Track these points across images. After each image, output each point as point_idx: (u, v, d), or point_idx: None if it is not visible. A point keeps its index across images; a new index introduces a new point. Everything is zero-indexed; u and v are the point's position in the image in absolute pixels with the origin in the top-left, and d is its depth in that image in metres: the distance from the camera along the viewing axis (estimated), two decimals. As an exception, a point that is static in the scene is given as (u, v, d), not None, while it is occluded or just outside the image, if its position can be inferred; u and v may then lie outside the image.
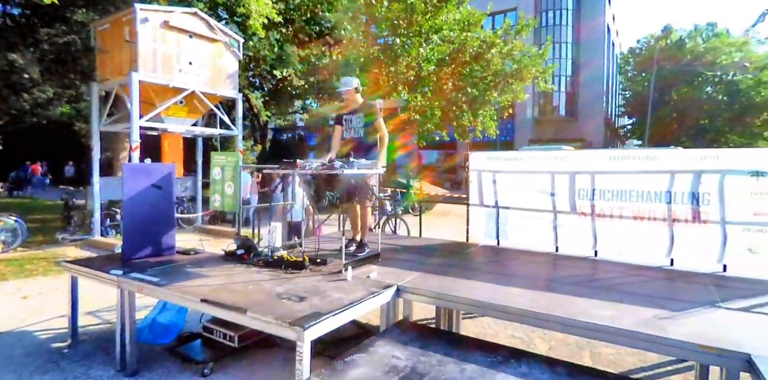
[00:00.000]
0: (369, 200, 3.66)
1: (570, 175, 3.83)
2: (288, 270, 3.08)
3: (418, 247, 4.17)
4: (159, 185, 3.52)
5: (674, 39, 32.03)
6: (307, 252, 3.44)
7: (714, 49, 29.88)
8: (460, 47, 13.95)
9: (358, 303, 2.40)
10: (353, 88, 3.71)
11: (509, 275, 3.10)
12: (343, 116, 3.86)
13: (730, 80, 30.17)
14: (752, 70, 28.40)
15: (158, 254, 3.63)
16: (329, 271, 3.11)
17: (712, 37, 31.24)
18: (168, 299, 2.69)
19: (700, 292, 2.71)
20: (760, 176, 3.10)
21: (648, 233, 3.51)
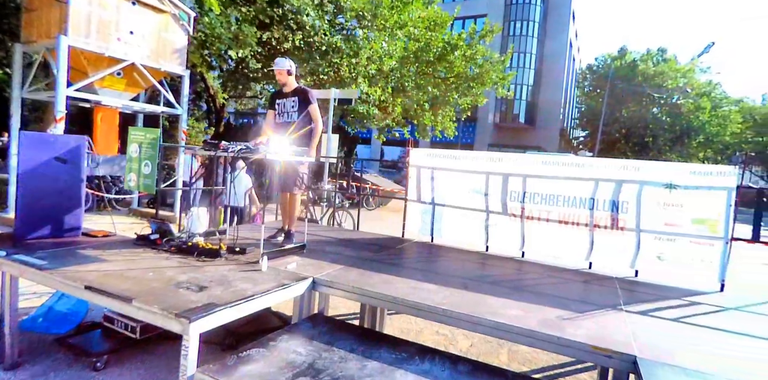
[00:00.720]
0: (299, 189, 3.51)
1: (503, 176, 3.88)
2: (201, 258, 2.87)
3: (350, 240, 4.07)
4: (63, 158, 3.17)
5: (628, 60, 34.06)
6: (235, 240, 3.24)
7: (662, 73, 32.08)
8: (424, 46, 14.04)
9: (264, 294, 2.25)
10: (286, 71, 3.51)
11: (432, 272, 3.07)
12: (276, 100, 3.67)
13: (674, 103, 32.56)
14: (693, 95, 30.81)
15: (59, 235, 3.28)
16: (246, 261, 2.94)
17: (662, 61, 33.52)
18: (49, 285, 2.41)
19: (607, 295, 2.80)
20: (673, 189, 3.26)
21: (571, 236, 3.62)
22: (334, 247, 3.69)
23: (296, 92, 3.57)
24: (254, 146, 3.05)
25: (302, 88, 3.58)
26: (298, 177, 3.44)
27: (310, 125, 3.54)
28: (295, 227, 3.60)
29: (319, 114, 3.54)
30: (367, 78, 12.22)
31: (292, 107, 3.55)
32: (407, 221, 4.45)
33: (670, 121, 32.33)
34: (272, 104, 3.70)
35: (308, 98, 3.50)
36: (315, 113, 3.52)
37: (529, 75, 35.28)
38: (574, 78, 41.58)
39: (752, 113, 34.37)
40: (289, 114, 3.56)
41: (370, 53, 11.74)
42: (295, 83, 3.63)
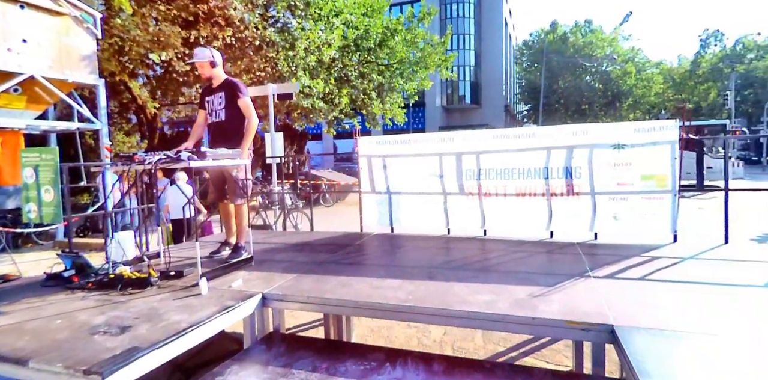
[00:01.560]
0: (241, 198, 3.14)
1: (457, 156, 3.73)
2: (126, 291, 2.48)
3: (305, 244, 3.79)
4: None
5: (560, 33, 35.46)
6: (168, 263, 2.86)
7: (591, 44, 33.73)
8: (363, 34, 13.72)
9: (203, 324, 1.94)
10: (207, 62, 3.10)
11: (394, 266, 2.87)
12: (205, 98, 3.27)
13: (603, 71, 34.41)
14: (620, 62, 32.66)
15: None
16: (182, 285, 2.58)
17: (589, 33, 35.20)
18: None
19: (573, 263, 2.74)
20: (621, 149, 3.25)
21: (530, 208, 3.56)
22: (287, 254, 3.39)
23: (223, 87, 3.17)
24: (175, 154, 2.67)
25: (230, 81, 3.17)
26: (238, 184, 3.08)
27: (241, 122, 3.18)
28: (243, 239, 3.25)
29: (252, 109, 3.16)
30: (308, 70, 11.73)
31: (219, 103, 3.16)
32: (364, 215, 4.22)
33: (602, 87, 34.19)
34: (202, 103, 3.29)
35: (236, 92, 3.10)
36: (246, 107, 3.14)
37: (470, 56, 35.83)
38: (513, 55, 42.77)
39: (671, 74, 37.08)
40: (217, 113, 3.17)
41: (307, 44, 11.25)
42: (223, 75, 3.21)
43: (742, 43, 32.70)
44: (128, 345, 1.72)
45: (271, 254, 3.37)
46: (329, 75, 12.80)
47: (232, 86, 3.14)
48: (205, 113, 3.28)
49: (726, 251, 2.93)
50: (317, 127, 22.72)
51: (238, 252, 3.19)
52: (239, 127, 3.18)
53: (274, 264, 3.03)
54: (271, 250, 3.56)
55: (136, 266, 2.94)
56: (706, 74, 33.68)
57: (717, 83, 33.12)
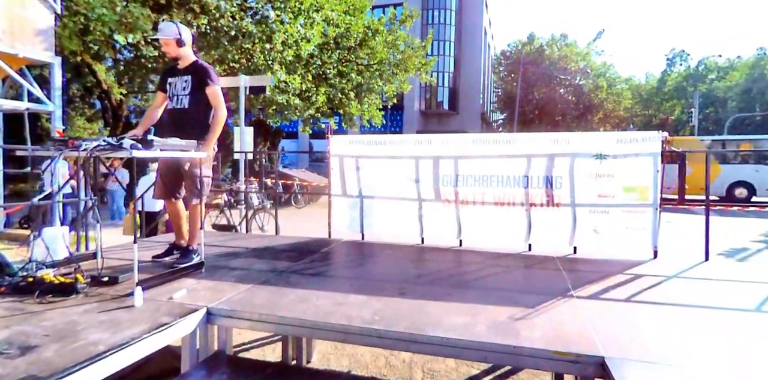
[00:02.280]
0: (196, 198, 2.79)
1: (434, 160, 3.52)
2: (45, 298, 2.11)
3: (266, 249, 3.47)
4: None
5: (536, 45, 36.31)
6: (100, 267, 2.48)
7: (566, 57, 34.71)
8: (344, 32, 13.46)
9: (127, 346, 1.62)
10: (174, 40, 2.72)
11: (362, 279, 2.61)
12: (167, 79, 2.90)
13: (577, 84, 35.47)
14: (592, 76, 33.77)
15: None
16: (115, 294, 2.23)
17: (564, 46, 36.22)
18: None
19: (554, 280, 2.56)
20: (603, 159, 3.13)
21: (508, 218, 3.38)
22: (244, 260, 3.07)
23: (190, 70, 2.81)
24: (117, 141, 2.31)
25: (200, 64, 2.81)
26: (195, 181, 2.73)
27: (207, 112, 2.83)
28: (196, 242, 2.90)
29: (221, 100, 2.81)
30: (285, 65, 11.32)
31: (183, 88, 2.80)
32: (333, 219, 3.94)
33: (574, 100, 35.22)
34: (162, 84, 2.91)
35: (206, 78, 2.75)
36: (215, 97, 2.79)
37: (450, 62, 36.17)
38: (491, 64, 43.50)
39: (639, 90, 38.68)
40: (180, 98, 2.81)
41: (285, 37, 10.84)
42: (192, 56, 2.84)
43: (705, 63, 34.54)
44: (22, 374, 1.38)
45: (226, 260, 3.03)
46: (307, 71, 12.44)
47: (202, 71, 2.78)
48: (165, 95, 2.91)
49: (708, 269, 2.84)
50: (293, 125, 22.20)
51: (187, 256, 2.85)
52: (203, 117, 2.84)
53: (227, 272, 2.70)
54: (228, 255, 3.22)
55: (66, 268, 2.54)
56: (672, 92, 35.33)
57: (681, 101, 34.79)
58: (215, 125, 2.82)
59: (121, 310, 1.99)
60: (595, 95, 34.64)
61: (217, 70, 10.73)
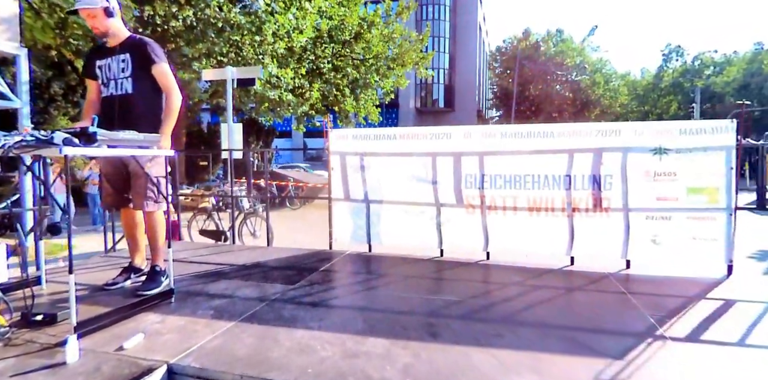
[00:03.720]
0: (154, 203, 2.20)
1: (455, 157, 2.95)
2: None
3: (255, 266, 2.89)
4: None
5: (532, 41, 35.88)
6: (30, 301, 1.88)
7: (562, 53, 34.31)
8: (338, 24, 12.86)
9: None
10: (100, 9, 2.10)
11: (376, 311, 2.04)
12: (95, 63, 2.29)
13: (573, 80, 35.11)
14: (589, 71, 33.42)
15: None
16: (47, 342, 1.64)
17: (560, 42, 35.83)
18: None
19: (625, 309, 2.01)
20: (663, 154, 2.58)
21: (546, 226, 2.83)
22: (228, 282, 2.48)
23: (127, 46, 2.22)
24: (48, 136, 1.72)
25: (139, 39, 2.22)
26: (149, 184, 2.15)
27: (157, 97, 2.24)
28: (162, 261, 2.31)
29: (172, 79, 2.22)
30: (276, 58, 10.69)
31: (122, 70, 2.20)
32: (335, 227, 3.36)
33: (571, 96, 34.87)
34: (90, 70, 2.29)
35: (148, 54, 2.16)
36: (164, 76, 2.20)
37: (445, 59, 35.70)
38: (486, 61, 43.07)
39: (635, 86, 38.43)
40: (119, 83, 2.21)
41: (276, 28, 10.20)
42: (124, 30, 2.24)
43: (701, 59, 34.32)
44: None
45: (204, 283, 2.44)
46: (300, 66, 11.81)
47: (142, 47, 2.17)
48: (97, 83, 2.29)
49: None
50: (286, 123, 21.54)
51: (152, 282, 2.26)
52: (153, 104, 2.24)
53: (204, 302, 2.12)
54: (208, 275, 2.63)
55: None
56: (668, 87, 35.10)
57: (678, 96, 34.56)
58: (170, 111, 2.20)
59: (45, 372, 1.40)
60: (592, 90, 34.31)
61: (204, 64, 10.11)
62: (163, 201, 2.24)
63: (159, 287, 2.22)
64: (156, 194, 2.18)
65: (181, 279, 2.53)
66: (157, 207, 2.22)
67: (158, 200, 2.20)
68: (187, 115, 14.09)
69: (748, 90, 29.25)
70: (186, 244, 3.83)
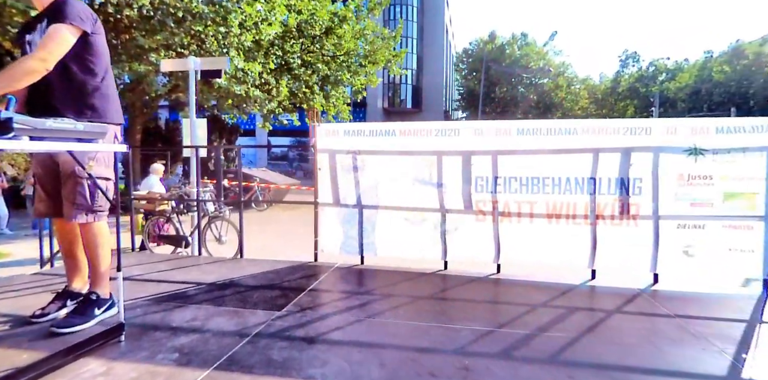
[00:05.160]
0: (89, 214, 1.66)
1: (464, 156, 2.58)
2: None
3: (225, 285, 2.38)
4: None
5: (498, 44, 36.56)
6: None
7: (526, 56, 35.20)
8: (308, 19, 12.28)
9: None
10: None
11: (385, 346, 1.62)
12: (25, 36, 1.70)
13: (538, 83, 36.11)
14: (552, 75, 34.49)
15: None
16: None
17: (525, 45, 36.73)
18: None
19: (682, 338, 1.70)
20: (698, 155, 2.33)
21: (565, 236, 2.51)
22: (195, 309, 1.97)
23: (47, 11, 1.65)
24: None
25: (58, 2, 1.64)
26: (81, 188, 1.61)
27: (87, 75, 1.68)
28: (104, 286, 1.77)
29: (57, 42, 1.55)
30: (242, 51, 9.97)
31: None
32: (322, 236, 2.89)
33: (535, 99, 35.85)
34: (22, 49, 1.71)
35: (58, 14, 1.58)
36: (50, 36, 1.55)
37: (413, 59, 35.66)
38: (452, 62, 43.53)
39: (594, 91, 40.07)
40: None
41: (243, 19, 9.49)
42: None
43: (655, 65, 36.23)
44: None
45: (164, 312, 1.92)
46: (267, 60, 11.13)
47: (60, 6, 1.61)
48: None
49: None
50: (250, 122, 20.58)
51: (78, 315, 1.71)
52: (79, 83, 1.68)
53: (164, 340, 1.61)
54: (168, 299, 2.10)
55: None
56: (625, 92, 36.81)
57: (634, 101, 36.32)
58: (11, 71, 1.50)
59: None
60: (555, 93, 35.43)
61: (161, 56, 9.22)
62: (104, 210, 1.70)
63: (86, 323, 1.67)
64: (90, 202, 1.64)
65: (134, 306, 1.99)
66: (94, 218, 1.68)
67: (95, 208, 1.66)
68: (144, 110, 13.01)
69: (698, 96, 31.17)
70: (140, 256, 3.23)
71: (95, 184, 1.62)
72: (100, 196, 1.66)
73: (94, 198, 1.64)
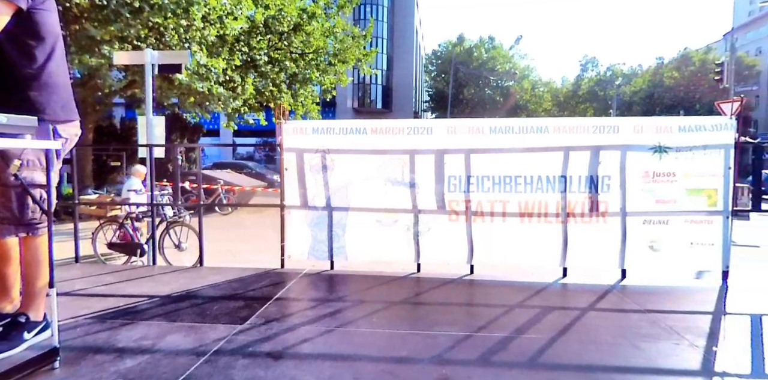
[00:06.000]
0: (18, 226, 1.45)
1: (437, 155, 2.51)
2: None
3: (182, 297, 2.20)
4: None
5: (466, 47, 37.26)
6: None
7: (493, 58, 36.06)
8: (276, 15, 11.95)
9: None
10: None
11: (360, 359, 1.52)
12: None
13: (504, 86, 37.08)
14: (518, 78, 35.52)
15: None
16: None
17: (492, 49, 37.62)
18: None
19: (657, 333, 1.71)
20: (663, 153, 2.38)
21: (537, 235, 2.50)
22: (147, 326, 1.79)
23: None
24: None
25: None
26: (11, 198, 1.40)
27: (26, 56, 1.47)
28: (37, 307, 1.55)
29: None
30: (206, 46, 9.54)
31: None
32: (288, 241, 2.75)
33: (502, 101, 36.79)
34: None
35: None
36: None
37: (383, 60, 35.66)
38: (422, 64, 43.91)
39: (556, 94, 41.64)
40: None
41: (206, 12, 9.08)
42: None
43: (612, 70, 38.11)
44: None
45: (110, 331, 1.72)
46: (233, 57, 10.73)
47: None
48: None
49: None
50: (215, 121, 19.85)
51: (15, 337, 1.50)
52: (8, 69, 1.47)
53: (107, 364, 1.43)
54: (116, 316, 1.90)
55: None
56: (585, 95, 38.45)
57: (594, 104, 38.00)
58: None
59: None
60: (520, 96, 36.48)
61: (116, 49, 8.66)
62: (41, 223, 1.49)
63: (13, 349, 1.46)
64: (19, 214, 1.43)
65: (74, 326, 1.78)
66: (28, 232, 1.47)
67: (27, 221, 1.45)
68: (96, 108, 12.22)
69: (652, 100, 33.01)
70: (86, 268, 2.95)
71: (26, 192, 1.41)
72: (32, 207, 1.45)
73: (25, 210, 1.43)
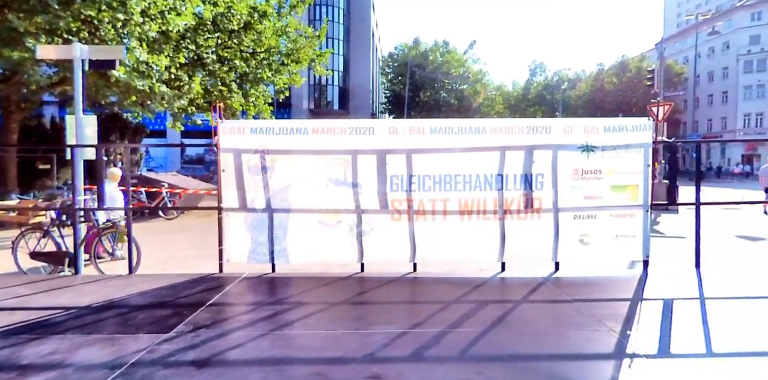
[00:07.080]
0: None
1: (379, 155, 2.51)
2: None
3: (110, 307, 2.05)
4: None
5: (421, 50, 37.97)
6: None
7: (448, 62, 37.01)
8: (225, 12, 11.53)
9: None
10: None
11: (291, 363, 1.48)
12: None
13: (458, 89, 38.15)
14: (471, 81, 36.69)
15: None
16: None
17: (446, 53, 38.59)
18: None
19: (582, 322, 1.80)
20: (590, 152, 2.52)
21: (477, 231, 2.57)
22: (59, 340, 1.63)
23: None
24: None
25: None
26: None
27: None
28: None
29: None
30: (146, 42, 9.00)
31: None
32: (227, 245, 2.63)
33: (456, 104, 37.85)
34: None
35: None
36: None
37: (339, 61, 35.47)
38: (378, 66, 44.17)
39: (508, 97, 43.46)
40: None
41: (146, 6, 8.55)
42: None
43: (559, 75, 40.37)
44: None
45: (10, 349, 1.55)
46: (177, 54, 10.20)
47: None
48: None
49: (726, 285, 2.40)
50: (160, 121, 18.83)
51: None
52: None
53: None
54: (24, 331, 1.72)
55: None
56: (534, 99, 40.43)
57: (542, 107, 40.03)
58: None
59: None
60: (474, 99, 37.68)
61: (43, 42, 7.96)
62: None
63: None
64: None
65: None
66: None
67: None
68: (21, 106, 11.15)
69: (593, 103, 35.29)
70: (0, 280, 2.66)
71: None
72: None
73: None
